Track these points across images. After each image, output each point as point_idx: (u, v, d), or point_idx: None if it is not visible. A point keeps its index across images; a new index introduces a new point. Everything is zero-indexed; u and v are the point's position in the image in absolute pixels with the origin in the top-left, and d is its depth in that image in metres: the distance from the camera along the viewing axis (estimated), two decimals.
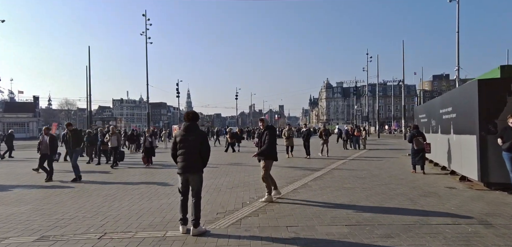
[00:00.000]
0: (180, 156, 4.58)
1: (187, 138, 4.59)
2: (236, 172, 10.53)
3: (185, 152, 4.56)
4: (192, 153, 4.52)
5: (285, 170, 10.89)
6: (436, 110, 10.88)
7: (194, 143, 4.52)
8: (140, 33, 37.52)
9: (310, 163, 13.04)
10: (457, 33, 26.45)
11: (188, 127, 4.67)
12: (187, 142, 4.57)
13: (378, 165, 12.20)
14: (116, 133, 13.51)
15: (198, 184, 4.61)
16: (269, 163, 6.27)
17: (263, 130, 6.33)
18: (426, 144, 10.32)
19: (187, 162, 4.53)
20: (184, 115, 4.96)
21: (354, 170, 10.84)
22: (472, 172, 7.42)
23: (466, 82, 29.68)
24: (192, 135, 4.58)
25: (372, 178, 8.97)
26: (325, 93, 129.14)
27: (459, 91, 8.19)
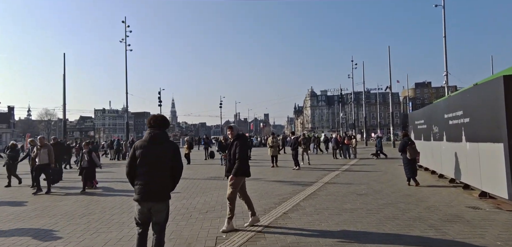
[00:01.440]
0: (141, 177, 3.25)
1: (151, 150, 3.27)
2: (214, 189, 8.90)
3: (148, 171, 3.23)
4: (159, 172, 3.26)
5: (272, 185, 9.36)
6: (440, 115, 9.71)
7: (161, 158, 3.29)
8: (120, 40, 35.59)
9: (299, 175, 11.59)
10: (444, 39, 26.16)
11: (153, 136, 3.32)
12: (151, 156, 3.26)
13: (376, 177, 10.89)
14: (48, 146, 9.56)
15: (164, 216, 3.32)
16: (239, 180, 4.96)
17: (233, 139, 5.06)
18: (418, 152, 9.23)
19: (151, 185, 3.22)
20: (148, 120, 3.48)
21: (351, 184, 9.45)
22: (497, 187, 6.15)
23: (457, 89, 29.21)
24: (158, 147, 3.31)
25: (374, 195, 7.59)
26: (309, 101, 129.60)
27: (474, 92, 6.98)
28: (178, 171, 3.41)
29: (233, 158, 4.91)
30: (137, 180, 3.28)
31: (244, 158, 4.92)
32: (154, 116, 3.53)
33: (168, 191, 3.32)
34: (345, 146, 20.25)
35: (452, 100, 8.62)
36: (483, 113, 6.56)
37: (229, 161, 5.01)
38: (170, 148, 3.37)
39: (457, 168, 8.34)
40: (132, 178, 3.36)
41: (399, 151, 9.37)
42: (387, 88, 37.02)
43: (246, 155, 4.98)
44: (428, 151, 11.25)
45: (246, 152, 5.04)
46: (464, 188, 7.95)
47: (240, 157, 4.83)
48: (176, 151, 3.40)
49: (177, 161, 3.39)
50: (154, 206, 3.23)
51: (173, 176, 3.38)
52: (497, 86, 5.93)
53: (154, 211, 3.24)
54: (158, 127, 3.40)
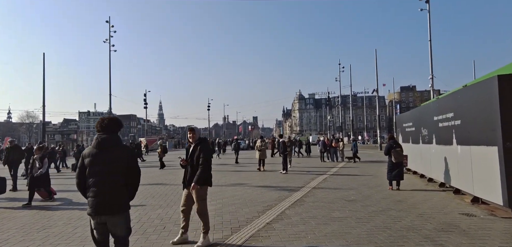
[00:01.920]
0: (91, 188, 2.93)
1: (100, 158, 2.94)
2: None
3: (98, 180, 2.91)
4: (110, 181, 2.92)
5: (257, 191, 8.85)
6: (429, 118, 9.48)
7: (113, 165, 2.95)
8: (103, 41, 34.47)
9: (286, 180, 11.13)
10: (429, 42, 26.46)
11: (101, 141, 2.94)
12: (100, 164, 2.93)
13: (364, 181, 10.56)
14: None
15: (124, 230, 3.01)
16: (205, 189, 4.45)
17: (194, 143, 4.46)
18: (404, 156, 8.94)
19: (103, 197, 2.89)
20: (96, 124, 3.08)
21: (339, 189, 9.06)
22: (491, 193, 5.86)
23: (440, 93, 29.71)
24: (108, 153, 2.97)
25: (364, 201, 7.20)
26: (297, 104, 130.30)
27: (466, 93, 6.71)
28: (134, 178, 3.06)
29: (196, 164, 4.33)
30: (89, 191, 2.93)
31: (209, 165, 4.38)
32: (102, 119, 3.11)
33: (124, 202, 2.97)
34: (332, 149, 20.01)
35: (443, 102, 8.38)
36: (475, 115, 6.28)
37: (190, 167, 4.38)
38: (123, 153, 3.00)
39: (447, 172, 8.08)
40: (83, 189, 2.99)
41: (384, 154, 9.10)
42: (374, 92, 37.30)
43: (210, 161, 4.44)
44: (417, 154, 11.03)
45: (210, 157, 4.49)
46: (454, 192, 7.68)
47: (204, 163, 4.29)
48: (131, 155, 3.06)
49: (133, 168, 3.04)
50: (109, 220, 2.91)
51: (130, 184, 3.03)
52: (491, 87, 5.65)
53: (110, 225, 2.93)
54: (107, 130, 3.01)
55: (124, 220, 2.97)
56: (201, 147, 4.36)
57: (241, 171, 15.11)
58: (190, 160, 4.38)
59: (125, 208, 2.97)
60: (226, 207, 6.78)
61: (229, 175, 13.30)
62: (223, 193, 8.66)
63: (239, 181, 11.22)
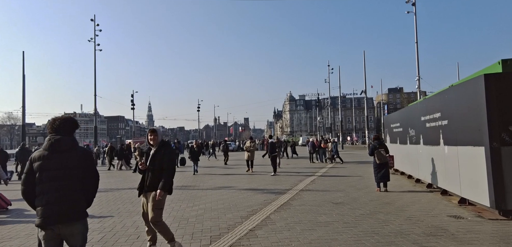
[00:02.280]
0: (42, 195, 2.59)
1: (53, 161, 2.61)
2: (176, 201, 7.96)
3: (51, 187, 2.58)
4: (65, 187, 2.61)
5: (243, 195, 8.57)
6: (416, 118, 9.42)
7: (68, 169, 2.65)
8: (88, 40, 33.60)
9: (274, 182, 10.90)
10: (416, 44, 26.80)
11: (55, 143, 2.63)
12: (53, 168, 2.61)
13: (352, 182, 10.42)
14: None
15: (80, 239, 2.70)
16: (165, 199, 4.08)
17: (156, 146, 4.09)
18: (389, 157, 8.83)
19: (59, 204, 2.57)
20: (47, 124, 2.82)
21: (327, 191, 8.88)
22: (478, 194, 5.75)
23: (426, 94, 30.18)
24: (63, 156, 2.65)
25: (351, 204, 7.02)
26: (288, 105, 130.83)
27: (453, 93, 6.62)
28: (91, 183, 2.80)
29: (158, 169, 3.98)
30: (38, 200, 2.60)
31: (173, 171, 4.06)
32: (54, 119, 2.79)
33: (81, 208, 2.70)
34: (321, 149, 19.93)
35: (430, 102, 8.30)
36: (462, 115, 6.19)
37: (151, 172, 4.01)
38: (79, 155, 2.71)
39: (434, 173, 8.00)
40: (30, 198, 2.65)
41: (369, 154, 9.00)
42: (362, 93, 37.57)
43: (174, 167, 4.12)
44: (404, 155, 10.98)
45: (174, 163, 4.15)
46: (442, 193, 7.60)
47: (170, 169, 3.97)
48: (88, 158, 2.78)
49: (90, 171, 2.78)
50: (65, 229, 2.60)
51: (86, 189, 2.75)
52: (477, 86, 5.55)
53: (65, 235, 2.62)
54: (61, 131, 2.69)
55: (82, 229, 2.70)
56: (165, 151, 4.03)
57: (229, 173, 14.81)
58: (150, 164, 4.02)
59: (83, 215, 2.71)
60: (208, 213, 6.48)
61: (216, 177, 12.98)
62: (207, 197, 8.34)
63: (225, 184, 10.91)
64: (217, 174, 14.48)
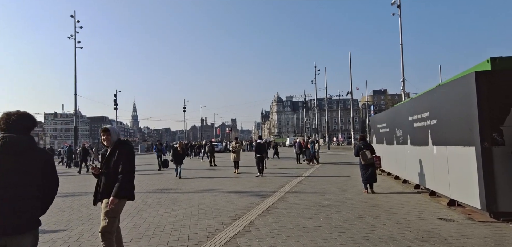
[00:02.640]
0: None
1: (8, 165, 2.20)
2: (154, 206, 7.45)
3: (3, 194, 2.16)
4: (19, 195, 2.22)
5: (226, 198, 8.16)
6: (403, 118, 9.28)
7: (24, 174, 2.26)
8: (68, 37, 32.25)
9: (260, 184, 10.53)
10: (401, 46, 27.14)
11: (7, 143, 2.23)
12: (8, 173, 2.20)
13: (339, 184, 10.19)
14: None
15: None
16: (122, 204, 3.51)
17: (110, 147, 3.55)
18: (375, 157, 8.63)
19: (10, 213, 2.16)
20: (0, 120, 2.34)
21: (313, 193, 8.59)
22: (469, 196, 5.58)
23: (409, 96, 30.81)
24: (17, 158, 2.24)
25: (339, 206, 6.74)
26: (276, 107, 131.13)
27: (443, 91, 6.45)
28: (50, 189, 2.41)
29: (113, 172, 3.43)
30: None
31: (132, 174, 3.51)
32: (7, 114, 2.35)
33: (35, 218, 2.31)
34: (308, 150, 19.75)
35: (418, 102, 8.16)
36: (452, 114, 6.01)
37: (105, 176, 3.47)
38: (37, 158, 2.33)
39: (422, 174, 7.85)
40: None
41: (355, 155, 8.78)
42: (348, 94, 37.90)
43: (133, 169, 3.53)
44: (391, 155, 10.86)
45: (133, 164, 3.55)
46: (430, 195, 7.44)
47: (126, 172, 3.41)
48: (47, 161, 2.40)
49: (49, 176, 2.39)
50: (13, 241, 2.18)
51: (43, 196, 2.36)
52: (468, 84, 5.37)
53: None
54: (16, 129, 2.28)
55: (32, 240, 2.30)
56: (120, 151, 3.47)
57: (214, 175, 14.35)
58: (104, 168, 3.50)
59: (35, 225, 2.31)
60: (188, 219, 6.03)
61: (199, 180, 12.49)
62: (189, 201, 7.88)
63: (209, 186, 10.46)
64: (201, 176, 13.99)
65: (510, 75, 5.05)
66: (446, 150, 6.32)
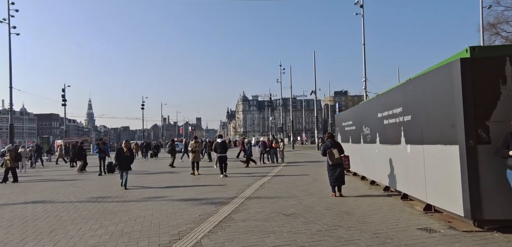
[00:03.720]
0: None
1: None
2: (80, 221, 5.89)
3: None
4: None
5: (174, 207, 6.83)
6: (372, 115, 8.68)
7: None
8: (1, 21, 27.97)
9: (218, 188, 9.31)
10: (363, 46, 27.58)
11: None
12: None
13: (305, 186, 9.35)
14: None
15: None
16: None
17: None
18: (343, 157, 7.93)
19: None
20: None
21: (277, 197, 7.60)
22: (449, 201, 4.92)
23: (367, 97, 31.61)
24: None
25: (305, 215, 5.79)
26: (241, 106, 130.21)
27: (420, 83, 5.78)
28: None
29: None
30: None
31: None
32: None
33: None
34: (272, 149, 18.92)
35: (388, 97, 7.53)
36: (431, 109, 5.34)
37: None
38: None
39: (393, 175, 7.22)
40: None
41: (322, 154, 7.94)
42: (312, 93, 38.06)
43: None
44: (358, 154, 10.29)
45: None
46: (402, 198, 6.81)
47: None
48: None
49: None
50: None
51: None
52: (451, 73, 4.69)
53: None
54: None
55: None
56: None
57: (168, 177, 12.80)
58: None
59: None
60: (115, 240, 4.64)
61: (149, 183, 10.89)
62: (125, 214, 6.41)
63: (157, 193, 9.00)
64: (155, 178, 12.36)
65: (500, 63, 4.44)
66: (422, 149, 5.66)
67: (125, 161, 9.99)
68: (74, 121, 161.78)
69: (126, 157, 10.02)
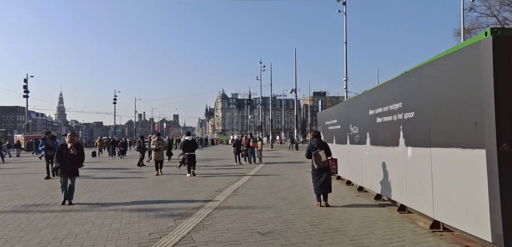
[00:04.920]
0: None
1: None
2: None
3: None
4: None
5: (123, 220, 5.37)
6: (361, 112, 7.64)
7: None
8: None
9: (183, 193, 7.91)
10: (345, 44, 27.04)
11: None
12: None
13: (284, 192, 8.15)
14: None
15: None
16: None
17: None
18: (331, 160, 6.83)
19: None
20: None
21: (251, 208, 6.32)
22: (468, 221, 3.88)
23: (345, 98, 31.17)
24: None
25: (286, 234, 4.56)
26: (220, 104, 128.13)
27: (428, 71, 4.71)
28: None
29: None
30: None
31: None
32: None
33: None
34: (250, 149, 17.65)
35: (383, 91, 6.47)
36: (444, 103, 4.28)
37: None
38: None
39: (387, 182, 6.19)
40: None
41: (306, 156, 6.72)
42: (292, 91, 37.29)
43: None
44: (343, 157, 9.25)
45: None
46: (400, 210, 5.77)
47: None
48: None
49: None
50: None
51: None
52: (479, 54, 3.62)
53: None
54: None
55: None
56: None
57: (133, 177, 11.18)
58: None
59: None
60: None
61: (104, 187, 9.23)
62: (53, 230, 4.87)
63: (108, 198, 7.44)
64: (114, 179, 10.66)
65: None
66: (429, 152, 4.60)
67: (69, 162, 6.90)
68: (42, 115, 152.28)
69: (71, 157, 6.93)
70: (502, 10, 28.59)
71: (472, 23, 29.43)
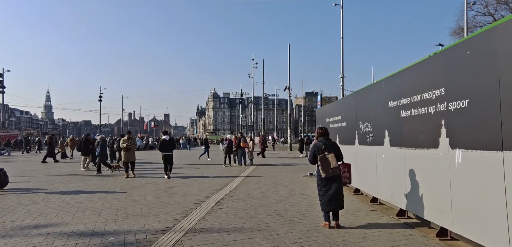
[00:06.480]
0: None
1: None
2: None
3: None
4: None
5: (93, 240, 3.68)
6: (376, 105, 6.15)
7: None
8: None
9: (153, 206, 6.24)
10: (342, 40, 25.62)
11: None
12: None
13: (280, 204, 6.59)
14: None
15: None
16: None
17: None
18: (343, 166, 5.29)
19: None
20: None
21: (237, 231, 4.72)
22: None
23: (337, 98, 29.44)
24: None
25: None
26: (212, 103, 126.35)
27: (498, 34, 3.21)
28: None
29: None
30: None
31: None
32: None
33: None
34: (241, 149, 16.05)
35: (414, 73, 4.94)
36: None
37: None
38: None
39: (418, 196, 4.68)
40: None
41: (310, 161, 5.14)
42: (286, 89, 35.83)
43: None
44: (351, 160, 7.72)
45: None
46: (439, 235, 4.25)
47: None
48: None
49: None
50: None
51: None
52: None
53: None
54: None
55: None
56: None
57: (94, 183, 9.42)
58: None
59: None
60: None
61: (56, 196, 7.46)
62: None
63: (52, 216, 5.71)
64: (82, 182, 8.88)
65: None
66: (501, 157, 3.09)
67: None
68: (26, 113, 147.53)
69: None
70: (499, 8, 27.85)
71: (469, 21, 28.66)
